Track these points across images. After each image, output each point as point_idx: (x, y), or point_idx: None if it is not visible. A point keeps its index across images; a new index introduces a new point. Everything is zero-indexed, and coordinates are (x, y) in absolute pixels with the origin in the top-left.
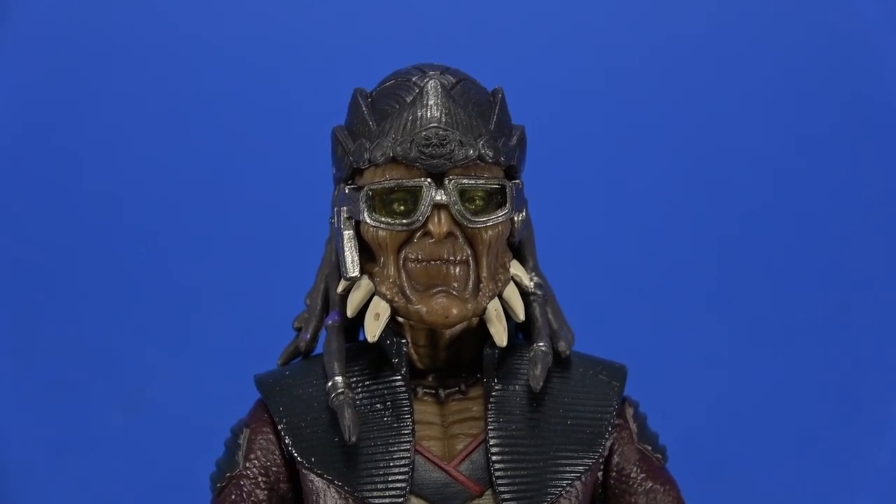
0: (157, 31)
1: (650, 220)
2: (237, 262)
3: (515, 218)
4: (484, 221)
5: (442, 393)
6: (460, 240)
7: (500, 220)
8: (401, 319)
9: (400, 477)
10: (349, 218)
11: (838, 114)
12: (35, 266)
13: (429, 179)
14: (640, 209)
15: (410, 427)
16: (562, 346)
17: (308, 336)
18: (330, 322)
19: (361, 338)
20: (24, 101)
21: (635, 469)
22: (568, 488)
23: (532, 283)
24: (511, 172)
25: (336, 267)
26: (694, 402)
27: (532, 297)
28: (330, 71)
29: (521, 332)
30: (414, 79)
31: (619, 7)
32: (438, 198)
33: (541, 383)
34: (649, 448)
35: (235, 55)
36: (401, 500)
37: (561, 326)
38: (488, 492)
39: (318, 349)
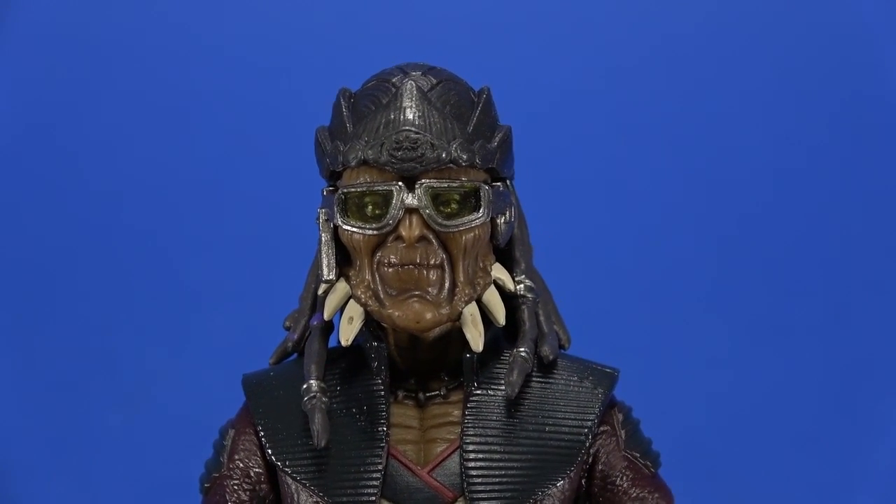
0: (157, 30)
1: (650, 219)
2: (237, 262)
3: (498, 220)
4: (456, 226)
5: (422, 396)
6: (434, 244)
7: (475, 223)
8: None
9: (371, 482)
10: (327, 220)
11: (838, 114)
12: (35, 266)
13: (400, 183)
14: (640, 209)
15: (384, 431)
16: (545, 350)
17: (296, 336)
18: (314, 323)
19: None
20: (24, 100)
21: (620, 477)
22: (543, 497)
23: (521, 287)
24: (494, 174)
25: None
26: (694, 402)
27: (520, 301)
28: (329, 70)
29: (510, 336)
30: (393, 80)
31: (619, 6)
32: (409, 201)
33: (516, 390)
34: (637, 455)
35: (235, 55)
36: None
37: (552, 330)
38: (461, 498)
39: None
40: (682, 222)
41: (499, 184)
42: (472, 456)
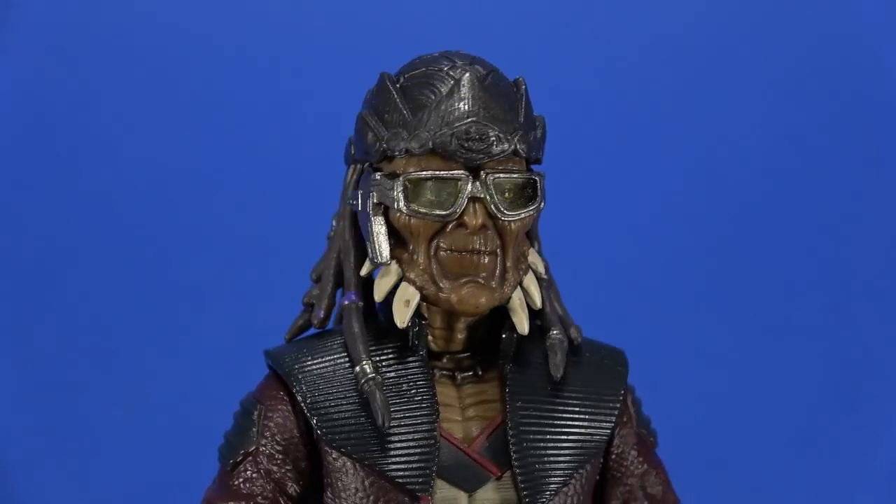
0: (157, 30)
1: (649, 217)
2: (237, 261)
3: None
4: (517, 214)
5: (458, 376)
6: (491, 231)
7: (532, 212)
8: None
9: (427, 457)
10: (378, 204)
11: (837, 113)
12: (35, 266)
13: (465, 172)
14: (639, 207)
15: (434, 408)
16: (573, 332)
17: (322, 314)
18: (347, 302)
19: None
20: (24, 100)
21: (633, 452)
22: (580, 469)
23: (543, 270)
24: (534, 164)
25: (351, 246)
26: (694, 400)
27: (542, 283)
28: (329, 69)
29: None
30: (446, 69)
31: (619, 6)
32: (475, 191)
33: (561, 371)
34: (645, 432)
35: (236, 55)
36: (430, 480)
37: (565, 312)
38: (507, 473)
39: (329, 326)
40: (681, 221)
41: (544, 173)
42: (514, 432)
